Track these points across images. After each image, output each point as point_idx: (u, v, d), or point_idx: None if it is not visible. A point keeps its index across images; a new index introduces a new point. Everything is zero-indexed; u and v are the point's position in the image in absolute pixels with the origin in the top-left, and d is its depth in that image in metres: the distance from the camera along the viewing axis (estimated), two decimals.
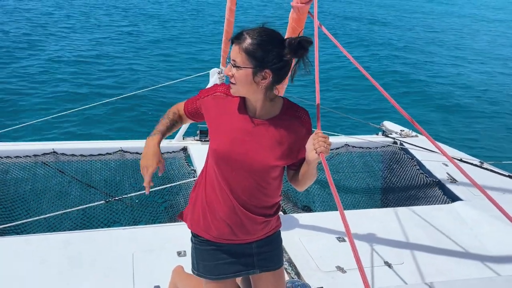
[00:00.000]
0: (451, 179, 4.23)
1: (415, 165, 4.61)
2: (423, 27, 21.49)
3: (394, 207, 3.88)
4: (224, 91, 1.78)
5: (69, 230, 3.62)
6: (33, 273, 2.62)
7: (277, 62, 1.60)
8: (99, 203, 3.59)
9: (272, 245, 1.96)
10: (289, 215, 3.54)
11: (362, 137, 5.09)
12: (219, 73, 4.46)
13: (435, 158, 4.51)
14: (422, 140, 5.01)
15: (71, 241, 2.92)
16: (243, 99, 1.74)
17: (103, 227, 3.77)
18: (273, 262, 1.97)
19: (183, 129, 4.57)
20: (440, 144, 4.82)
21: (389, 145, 4.99)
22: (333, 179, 4.85)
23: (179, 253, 2.88)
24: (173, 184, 4.00)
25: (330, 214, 3.64)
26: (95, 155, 4.27)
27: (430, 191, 4.23)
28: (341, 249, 3.08)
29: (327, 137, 1.61)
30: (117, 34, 14.33)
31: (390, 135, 5.23)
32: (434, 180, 4.30)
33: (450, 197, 4.02)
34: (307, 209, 4.25)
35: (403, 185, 4.53)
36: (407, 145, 4.88)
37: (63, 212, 3.57)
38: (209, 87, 1.84)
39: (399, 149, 4.90)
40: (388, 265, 2.95)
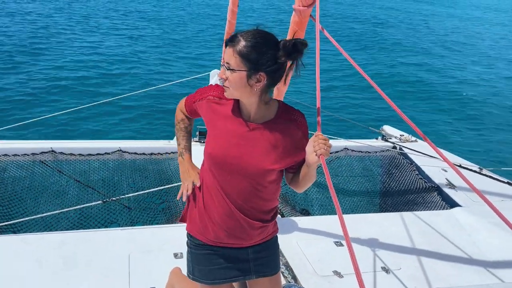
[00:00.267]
0: (450, 185, 4.22)
1: (414, 170, 4.61)
2: (423, 31, 21.52)
3: (392, 212, 3.87)
4: (217, 95, 1.76)
5: (66, 229, 3.61)
6: (28, 273, 2.60)
7: (271, 64, 1.57)
8: (96, 203, 3.57)
9: (269, 250, 1.94)
10: (287, 218, 3.53)
11: (361, 141, 5.09)
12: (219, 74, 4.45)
13: (434, 163, 4.51)
14: (421, 145, 5.01)
15: (67, 241, 2.91)
16: (237, 102, 1.72)
17: (100, 227, 3.75)
18: (270, 267, 1.95)
19: None
20: (440, 149, 4.83)
21: (388, 149, 4.98)
22: (332, 182, 4.86)
23: (175, 255, 2.87)
24: (171, 185, 3.98)
25: (328, 218, 3.62)
26: (94, 155, 4.26)
27: (428, 197, 4.22)
28: (338, 253, 3.06)
29: (328, 139, 1.59)
30: (117, 35, 14.33)
31: (389, 140, 5.23)
32: (433, 185, 4.29)
33: (448, 203, 4.01)
34: (305, 213, 4.24)
35: (402, 190, 4.52)
36: (406, 150, 4.87)
37: (60, 211, 3.55)
38: (205, 87, 1.82)
39: (399, 154, 4.89)
40: (385, 270, 2.94)
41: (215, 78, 4.53)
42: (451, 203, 3.97)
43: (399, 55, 15.85)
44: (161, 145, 4.51)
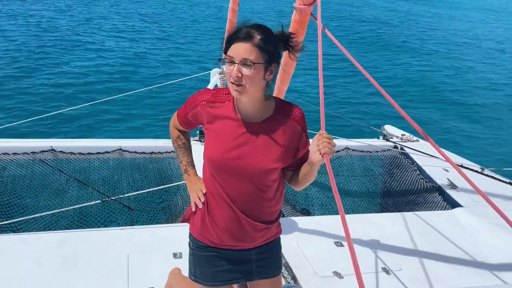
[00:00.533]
0: (451, 185, 4.20)
1: (415, 170, 4.58)
2: (427, 32, 21.47)
3: (393, 212, 3.85)
4: (208, 99, 1.72)
5: (66, 228, 3.60)
6: (27, 272, 2.59)
7: (280, 55, 1.65)
8: (96, 202, 3.56)
9: (271, 252, 1.92)
10: (287, 218, 3.51)
11: (362, 140, 5.06)
12: (220, 73, 4.43)
13: (435, 163, 4.48)
14: (422, 144, 4.98)
15: (66, 241, 2.90)
16: (233, 103, 1.69)
17: (100, 227, 3.74)
18: (272, 269, 1.93)
19: None
20: (442, 149, 4.80)
21: (389, 149, 4.96)
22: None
23: (175, 255, 2.85)
24: (171, 184, 3.97)
25: (328, 218, 3.61)
26: (94, 154, 4.25)
27: (430, 197, 4.20)
28: (338, 254, 3.05)
29: (332, 138, 1.57)
30: (117, 36, 14.31)
31: (391, 139, 5.20)
32: (434, 185, 4.27)
33: (450, 203, 3.99)
34: (306, 213, 4.22)
35: (403, 190, 4.50)
36: (407, 150, 4.85)
37: (60, 210, 3.54)
38: (193, 96, 1.77)
39: (400, 154, 4.87)
40: (386, 271, 2.92)
41: (215, 77, 4.52)
42: (453, 204, 3.94)
43: (402, 55, 15.82)
44: (161, 144, 4.49)
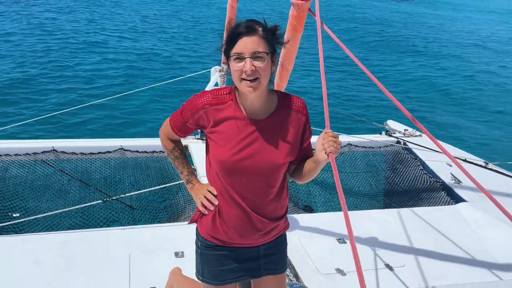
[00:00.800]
0: (455, 180, 4.16)
1: (419, 165, 4.55)
2: (427, 28, 21.35)
3: (396, 207, 3.82)
4: (210, 101, 1.67)
5: (68, 228, 3.60)
6: (29, 273, 2.59)
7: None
8: (97, 202, 3.56)
9: (278, 247, 1.91)
10: (290, 216, 3.49)
11: (365, 136, 5.03)
12: (220, 71, 4.41)
13: (439, 158, 4.45)
14: (426, 139, 4.93)
15: (68, 241, 2.89)
16: (236, 102, 1.67)
17: (102, 226, 3.74)
18: (279, 264, 1.92)
19: None
20: (444, 143, 4.74)
21: (392, 144, 4.93)
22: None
23: (176, 254, 2.84)
24: (172, 183, 3.96)
25: (331, 215, 3.58)
26: (95, 153, 4.24)
27: (433, 192, 4.17)
28: (341, 251, 3.03)
29: (337, 136, 1.56)
30: (117, 35, 14.30)
31: (393, 135, 5.17)
32: (437, 180, 4.24)
33: (453, 198, 3.96)
34: (309, 209, 4.20)
35: (406, 185, 4.47)
36: (410, 145, 4.81)
37: (62, 211, 3.54)
38: (191, 101, 1.71)
39: (403, 149, 4.83)
40: (389, 267, 2.90)
41: (215, 75, 4.50)
42: (456, 199, 3.91)
43: (407, 53, 15.75)
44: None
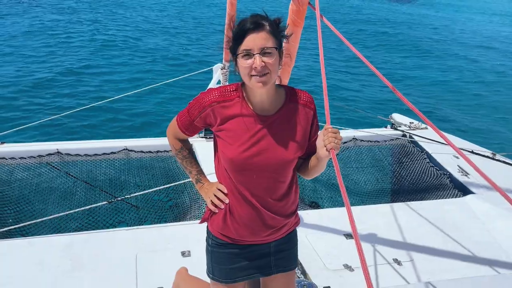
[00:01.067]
0: (462, 172, 4.11)
1: (425, 158, 4.51)
2: (427, 28, 21.19)
3: (404, 201, 3.79)
4: (217, 98, 1.64)
5: (74, 230, 3.60)
6: (36, 275, 2.59)
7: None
8: (102, 203, 3.56)
9: (289, 243, 1.90)
10: None
11: (370, 130, 4.99)
12: (222, 69, 4.39)
13: (445, 150, 4.40)
14: (432, 132, 4.88)
15: (74, 243, 2.89)
16: (242, 98, 1.65)
17: (108, 227, 3.74)
18: (290, 261, 1.91)
19: None
20: (450, 135, 4.70)
21: (398, 138, 4.88)
22: (342, 173, 4.76)
23: (183, 253, 2.83)
24: (178, 182, 3.95)
25: (337, 210, 3.56)
26: (100, 155, 4.24)
27: (441, 185, 4.13)
28: (348, 246, 3.00)
29: (338, 132, 1.54)
30: (117, 35, 14.31)
31: (399, 128, 5.12)
32: (444, 173, 4.19)
33: (461, 190, 3.91)
34: (315, 205, 4.18)
35: (413, 179, 4.43)
36: (416, 138, 4.77)
37: (67, 212, 3.55)
38: (197, 99, 1.69)
39: (409, 142, 4.79)
40: (397, 262, 2.87)
41: (218, 72, 4.48)
42: (464, 191, 3.87)
43: (409, 52, 15.64)
44: (167, 142, 4.46)
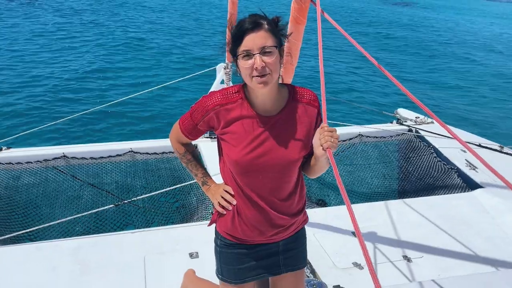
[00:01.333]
0: (470, 166, 4.07)
1: (432, 153, 4.47)
2: (428, 28, 21.00)
3: (411, 197, 3.76)
4: (220, 101, 1.64)
5: (82, 234, 3.61)
6: (45, 281, 2.59)
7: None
8: (109, 207, 3.56)
9: (298, 241, 1.89)
10: None
11: (376, 126, 4.95)
12: (225, 68, 4.37)
13: (452, 144, 4.36)
14: (438, 126, 4.84)
15: (82, 247, 2.90)
16: (246, 100, 1.64)
17: (116, 230, 3.75)
18: (299, 260, 1.90)
19: None
20: (457, 129, 4.66)
21: (404, 133, 4.85)
22: (348, 170, 4.73)
23: (191, 255, 2.83)
24: (184, 184, 3.94)
25: (344, 208, 3.50)
26: (105, 157, 4.24)
27: (448, 179, 4.09)
28: (357, 244, 2.98)
29: (334, 130, 1.51)
30: (118, 36, 14.32)
31: (405, 123, 5.08)
32: (452, 167, 4.15)
33: (470, 184, 3.87)
34: (322, 203, 4.15)
35: (420, 174, 4.39)
36: (423, 132, 4.73)
37: (75, 216, 3.55)
38: (199, 103, 1.68)
39: (415, 137, 4.75)
40: (407, 259, 2.85)
41: (221, 72, 4.46)
42: (473, 185, 3.83)
43: (412, 51, 15.52)
44: (168, 143, 4.46)
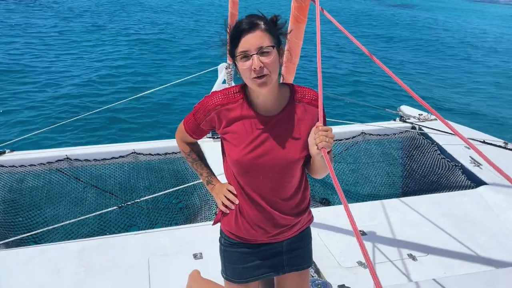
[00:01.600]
0: (474, 163, 4.05)
1: (436, 150, 4.45)
2: (429, 28, 20.91)
3: (415, 195, 3.74)
4: (221, 101, 1.64)
5: (86, 236, 3.61)
6: (50, 283, 2.60)
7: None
8: (112, 208, 3.56)
9: (302, 241, 1.88)
10: None
11: (379, 124, 4.94)
12: (226, 68, 4.37)
13: (456, 141, 4.33)
14: (441, 123, 4.82)
15: (86, 249, 2.90)
16: (247, 100, 1.63)
17: (120, 232, 3.75)
18: (304, 260, 1.90)
19: None
20: (461, 126, 4.64)
21: (407, 130, 4.83)
22: (351, 169, 4.71)
23: (195, 256, 2.82)
24: (187, 184, 3.94)
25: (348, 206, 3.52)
26: (108, 159, 4.25)
27: (452, 176, 4.07)
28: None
29: (330, 130, 1.50)
30: (119, 37, 14.34)
31: (408, 120, 5.06)
32: (456, 164, 4.13)
33: (474, 181, 3.86)
34: (326, 202, 4.14)
35: (424, 171, 4.38)
36: (426, 130, 4.71)
37: (79, 219, 3.55)
38: (202, 103, 1.69)
39: (418, 134, 4.73)
40: (412, 257, 2.84)
41: (223, 72, 4.45)
42: (477, 182, 3.81)
43: (412, 51, 15.46)
44: (175, 144, 4.45)
